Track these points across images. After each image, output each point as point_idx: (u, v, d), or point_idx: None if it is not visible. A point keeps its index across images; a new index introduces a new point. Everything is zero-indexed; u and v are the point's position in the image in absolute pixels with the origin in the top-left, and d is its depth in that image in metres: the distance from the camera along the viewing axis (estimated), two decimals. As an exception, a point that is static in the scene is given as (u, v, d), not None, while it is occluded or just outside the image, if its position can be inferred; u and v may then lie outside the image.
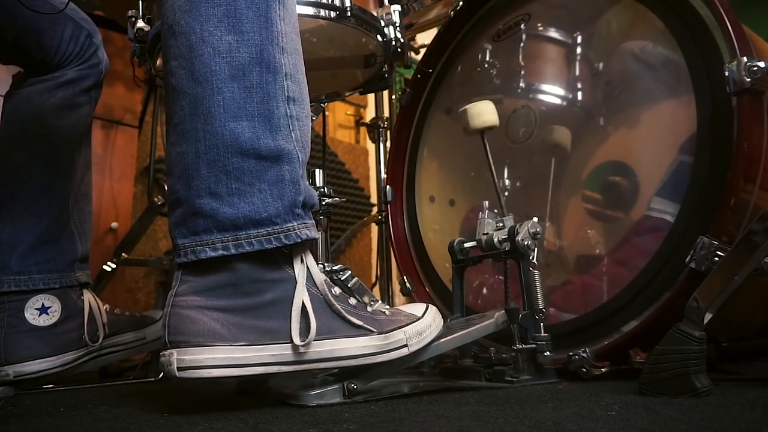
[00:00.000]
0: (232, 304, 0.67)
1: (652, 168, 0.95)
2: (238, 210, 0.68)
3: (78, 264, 1.07)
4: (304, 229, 0.71)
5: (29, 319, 0.99)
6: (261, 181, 0.68)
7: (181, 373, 0.64)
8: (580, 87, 1.09)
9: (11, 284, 1.00)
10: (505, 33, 1.24)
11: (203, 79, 0.68)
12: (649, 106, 0.98)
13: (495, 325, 0.86)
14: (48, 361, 0.98)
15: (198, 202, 0.68)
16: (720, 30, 0.87)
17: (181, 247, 0.68)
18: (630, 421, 0.55)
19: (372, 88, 1.38)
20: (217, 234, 0.67)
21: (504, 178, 1.19)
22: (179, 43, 0.70)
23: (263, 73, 0.69)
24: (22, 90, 1.08)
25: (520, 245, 0.89)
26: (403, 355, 0.73)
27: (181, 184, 0.69)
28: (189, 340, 0.65)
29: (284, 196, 0.69)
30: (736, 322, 1.03)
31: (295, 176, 0.71)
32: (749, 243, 0.68)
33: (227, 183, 0.68)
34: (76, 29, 1.07)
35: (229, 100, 0.68)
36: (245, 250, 0.67)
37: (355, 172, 2.92)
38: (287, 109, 0.71)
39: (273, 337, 0.67)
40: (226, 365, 0.65)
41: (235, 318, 0.66)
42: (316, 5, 1.07)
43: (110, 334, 1.08)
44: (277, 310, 0.68)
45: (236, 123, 0.68)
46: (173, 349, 0.65)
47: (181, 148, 0.70)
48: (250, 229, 0.68)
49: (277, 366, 0.67)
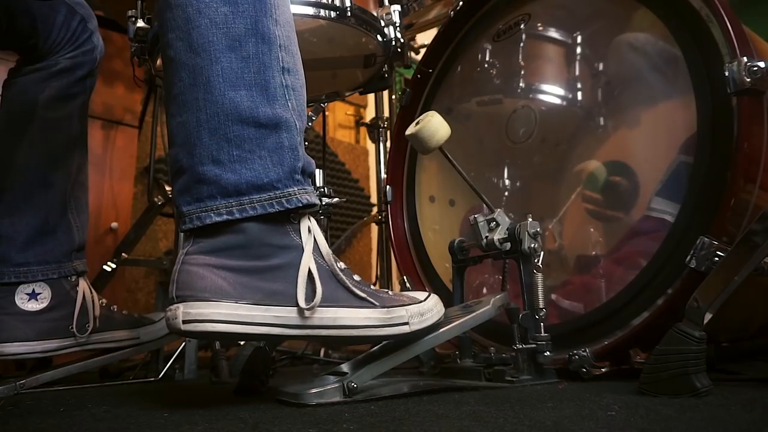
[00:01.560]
0: (240, 264, 0.69)
1: (652, 168, 0.95)
2: (241, 176, 0.69)
3: (75, 253, 1.08)
4: (305, 194, 0.73)
5: (18, 303, 1.00)
6: (261, 148, 0.70)
7: (186, 326, 0.66)
8: (580, 87, 1.09)
9: (11, 276, 1.01)
10: (505, 33, 1.24)
11: (201, 50, 0.70)
12: (648, 106, 0.98)
13: (492, 310, 0.86)
14: (28, 345, 0.99)
15: (201, 169, 0.70)
16: (720, 30, 0.86)
17: (186, 213, 0.70)
18: (630, 421, 0.55)
19: (372, 88, 1.39)
20: (221, 200, 0.69)
21: (504, 178, 1.19)
22: (176, 15, 0.71)
23: (258, 44, 0.71)
24: (17, 80, 1.08)
25: (524, 250, 0.89)
26: (404, 332, 0.74)
27: (183, 153, 0.71)
28: (195, 295, 0.67)
29: (284, 162, 0.71)
30: (736, 322, 1.03)
31: (294, 143, 0.73)
32: (749, 243, 0.68)
33: (229, 150, 0.70)
34: (69, 14, 1.07)
35: (227, 69, 0.70)
36: (248, 214, 0.69)
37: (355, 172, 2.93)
38: (283, 79, 0.73)
39: (278, 299, 0.69)
40: (230, 321, 0.66)
41: (242, 278, 0.68)
42: (316, 5, 1.08)
43: (101, 329, 1.08)
44: (283, 274, 0.70)
45: (235, 92, 0.70)
46: (179, 303, 0.67)
47: (182, 118, 0.71)
48: (253, 194, 0.70)
49: (280, 328, 0.68)
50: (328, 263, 0.73)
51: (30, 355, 1.00)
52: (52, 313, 1.03)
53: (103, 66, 1.15)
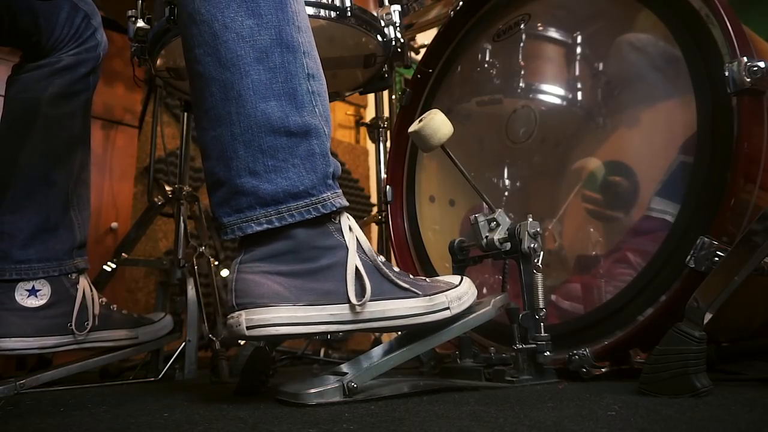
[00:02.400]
0: (293, 268, 0.72)
1: (652, 168, 0.95)
2: (277, 185, 0.72)
3: (76, 251, 1.08)
4: (337, 198, 0.76)
5: (17, 299, 1.01)
6: (294, 156, 0.73)
7: (250, 331, 0.69)
8: (580, 87, 1.09)
9: (12, 273, 1.01)
10: (505, 33, 1.24)
11: (231, 64, 0.72)
12: (648, 106, 0.98)
13: (493, 311, 0.86)
14: (26, 341, 0.99)
15: (239, 181, 0.72)
16: (720, 30, 0.86)
17: (227, 224, 0.73)
18: (630, 421, 0.55)
19: (372, 88, 1.38)
20: (260, 209, 0.72)
21: (504, 178, 1.19)
22: (202, 31, 0.73)
23: (284, 53, 0.73)
24: (20, 77, 1.08)
25: (524, 250, 0.89)
26: (445, 317, 0.78)
27: (220, 166, 0.73)
28: (255, 301, 0.70)
29: (317, 169, 0.74)
30: (736, 322, 1.03)
31: (324, 149, 0.75)
32: (749, 243, 0.68)
33: (264, 161, 0.72)
34: (72, 11, 1.07)
35: (257, 81, 0.72)
36: (287, 222, 0.72)
37: (355, 172, 2.93)
38: (308, 85, 0.75)
39: (331, 298, 0.72)
40: (291, 323, 0.70)
41: (295, 281, 0.71)
42: (317, 5, 1.08)
43: (100, 327, 1.08)
44: (333, 274, 0.73)
45: (266, 103, 0.72)
46: (241, 310, 0.70)
47: (215, 132, 0.73)
48: (290, 202, 0.72)
49: (336, 325, 0.72)
50: (371, 258, 0.76)
51: (27, 352, 1.00)
52: (51, 310, 1.03)
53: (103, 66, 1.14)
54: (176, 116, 2.18)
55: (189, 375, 1.21)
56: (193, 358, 1.23)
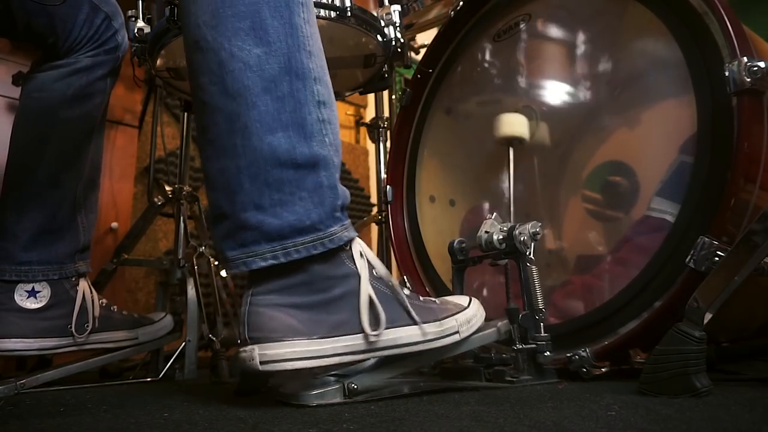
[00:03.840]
0: (306, 300, 0.70)
1: (652, 168, 0.95)
2: (283, 220, 0.70)
3: (78, 254, 1.07)
4: (344, 232, 0.73)
5: (17, 300, 1.00)
6: (301, 189, 0.71)
7: (264, 366, 0.68)
8: (581, 87, 1.09)
9: (12, 274, 1.00)
10: (506, 33, 1.24)
11: (237, 95, 0.69)
12: (649, 106, 0.98)
13: (497, 334, 0.87)
14: (25, 343, 0.99)
15: (244, 215, 0.70)
16: (720, 30, 0.86)
17: (232, 259, 0.71)
18: (630, 421, 0.55)
19: (372, 88, 1.38)
20: (265, 245, 0.70)
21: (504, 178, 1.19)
22: (208, 59, 0.71)
23: (293, 82, 0.71)
24: (37, 75, 1.06)
25: (516, 240, 0.89)
26: (455, 340, 0.78)
27: (224, 199, 0.71)
28: (269, 336, 0.68)
29: (324, 202, 0.72)
30: (736, 322, 1.03)
31: (333, 181, 0.73)
32: (749, 243, 0.68)
33: (270, 195, 0.70)
34: (92, 12, 1.05)
35: (264, 113, 0.69)
36: (293, 258, 0.70)
37: (355, 172, 2.93)
38: (319, 113, 0.73)
39: (345, 329, 0.70)
40: (305, 357, 0.68)
41: (309, 314, 0.70)
42: (317, 5, 1.07)
43: (100, 329, 1.08)
44: (346, 304, 0.71)
45: (272, 135, 0.70)
46: (254, 345, 0.69)
47: (220, 164, 0.71)
48: (296, 237, 0.70)
49: (350, 355, 0.71)
50: (385, 283, 0.74)
51: (27, 353, 0.99)
52: (51, 311, 1.02)
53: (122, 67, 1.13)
54: (176, 116, 2.18)
55: (189, 375, 1.21)
56: (193, 358, 1.23)
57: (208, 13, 0.70)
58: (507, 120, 1.00)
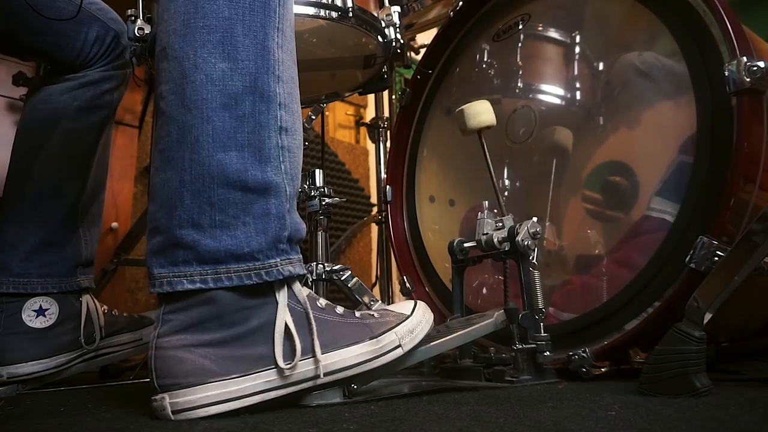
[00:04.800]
0: (218, 336, 0.65)
1: (652, 168, 0.95)
2: (220, 243, 0.66)
3: (81, 269, 1.06)
4: (288, 266, 0.69)
5: (26, 321, 0.98)
6: (246, 214, 0.67)
7: (176, 416, 0.62)
8: (580, 87, 1.09)
9: (10, 286, 0.99)
10: (505, 33, 1.24)
11: (193, 107, 0.66)
12: (649, 106, 0.98)
13: (494, 324, 0.86)
14: (42, 363, 0.98)
15: (179, 232, 0.66)
16: (720, 30, 0.87)
17: (157, 276, 0.66)
18: (630, 421, 0.55)
19: (371, 89, 1.38)
20: (196, 266, 0.66)
21: (504, 178, 1.19)
22: (171, 68, 0.68)
23: (256, 102, 0.68)
24: (44, 88, 1.06)
25: (520, 245, 0.89)
26: (398, 355, 0.72)
27: (162, 213, 0.67)
28: (179, 382, 0.63)
29: (268, 231, 0.68)
30: (736, 322, 1.03)
31: (281, 210, 0.69)
32: (749, 243, 0.68)
33: (211, 214, 0.66)
34: (102, 30, 1.06)
35: (219, 129, 0.66)
36: (224, 285, 0.65)
37: (355, 172, 2.93)
38: (279, 139, 0.69)
39: (265, 363, 0.65)
40: (221, 401, 0.63)
41: (223, 350, 0.65)
42: (317, 5, 1.07)
43: (107, 335, 1.08)
44: (264, 336, 0.66)
45: (225, 153, 0.66)
46: (164, 393, 0.63)
47: (165, 175, 0.68)
48: (231, 264, 0.66)
49: (274, 391, 0.65)
50: (305, 307, 0.69)
51: (44, 373, 0.98)
52: (60, 327, 1.01)
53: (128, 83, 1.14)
54: (176, 116, 2.18)
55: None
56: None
57: (180, 22, 0.68)
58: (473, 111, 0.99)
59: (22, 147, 1.05)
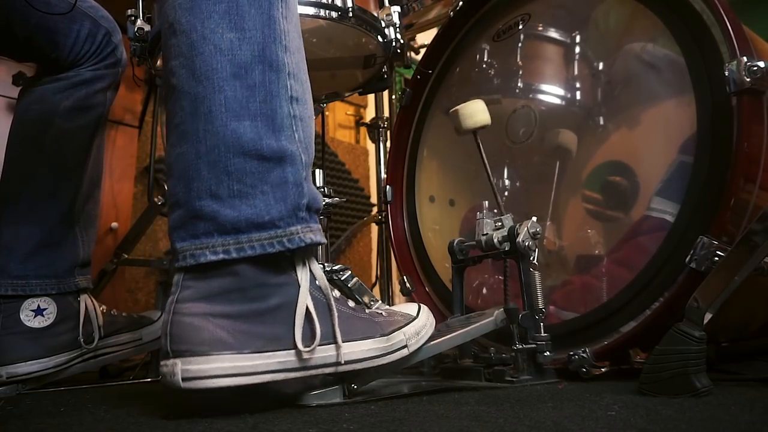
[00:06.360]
0: (238, 309, 0.65)
1: (652, 168, 0.95)
2: (240, 212, 0.66)
3: (78, 269, 1.06)
4: (309, 233, 0.69)
5: (24, 321, 0.98)
6: (263, 183, 0.67)
7: (186, 383, 0.62)
8: (580, 87, 1.09)
9: (8, 288, 0.99)
10: (505, 33, 1.24)
11: (204, 78, 0.67)
12: (649, 106, 0.98)
13: (494, 323, 0.86)
14: (40, 363, 0.98)
15: (198, 204, 0.66)
16: (720, 30, 0.87)
17: (180, 250, 0.66)
18: (630, 421, 0.55)
19: (371, 89, 1.38)
20: (217, 237, 0.66)
21: (504, 178, 1.19)
22: (180, 42, 0.68)
23: (266, 72, 0.68)
24: (36, 88, 1.06)
25: (520, 246, 0.89)
26: (403, 355, 0.73)
27: (180, 186, 0.68)
28: (193, 349, 0.63)
29: (287, 199, 0.68)
30: (736, 322, 1.03)
31: (299, 178, 0.69)
32: (749, 243, 0.68)
33: (228, 184, 0.66)
34: (94, 28, 1.06)
35: (231, 98, 0.67)
36: (247, 254, 0.65)
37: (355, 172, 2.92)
38: (290, 108, 0.70)
39: (280, 343, 0.65)
40: (233, 374, 0.63)
41: (241, 325, 0.65)
42: (317, 5, 1.07)
43: (106, 335, 1.08)
44: (282, 315, 0.66)
45: (238, 122, 0.66)
46: (176, 358, 0.63)
47: (181, 149, 0.68)
48: (252, 233, 0.66)
49: (284, 372, 0.65)
50: (326, 295, 0.69)
51: (43, 372, 0.98)
52: (59, 327, 1.01)
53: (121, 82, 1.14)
54: (176, 116, 2.18)
55: (189, 375, 1.21)
56: (193, 358, 1.23)
57: None
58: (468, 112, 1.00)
59: (16, 148, 1.05)
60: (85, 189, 1.08)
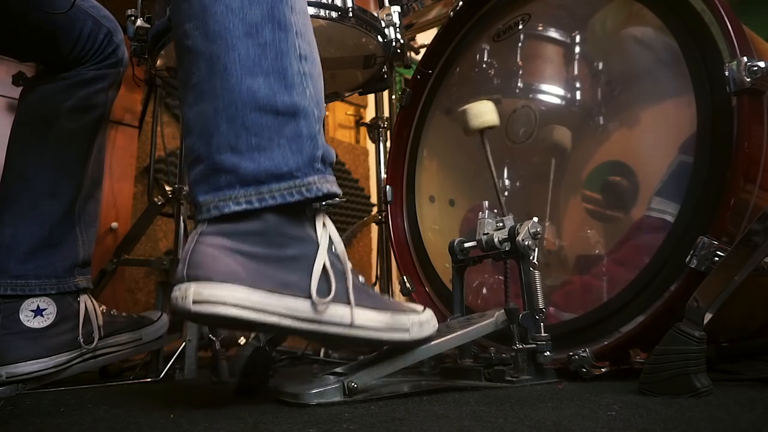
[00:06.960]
0: (256, 251, 0.68)
1: (652, 168, 0.95)
2: (259, 164, 0.69)
3: (78, 269, 1.06)
4: (325, 183, 0.72)
5: (24, 321, 0.98)
6: (279, 136, 0.70)
7: (196, 306, 0.63)
8: (580, 87, 1.09)
9: (7, 288, 0.99)
10: (505, 33, 1.24)
11: (218, 37, 0.70)
12: (649, 106, 0.98)
13: (495, 324, 0.86)
14: (40, 363, 0.97)
15: (219, 158, 0.69)
16: (720, 30, 0.86)
17: (204, 203, 0.69)
18: (630, 421, 0.55)
19: (371, 89, 1.38)
20: (239, 189, 0.69)
21: (504, 178, 1.19)
22: (192, 5, 0.72)
23: (275, 31, 0.71)
24: (37, 87, 1.07)
25: (520, 245, 0.89)
26: (404, 338, 0.74)
27: (201, 142, 0.70)
28: (209, 275, 0.64)
29: (303, 151, 0.71)
30: (736, 322, 1.03)
31: (312, 131, 0.72)
32: (749, 243, 0.68)
33: (247, 138, 0.69)
34: (95, 27, 1.06)
35: (245, 56, 0.70)
36: (268, 203, 0.68)
37: (355, 172, 2.93)
38: (300, 66, 0.73)
39: (292, 290, 0.67)
40: (243, 306, 0.64)
41: (257, 264, 0.67)
42: (317, 5, 1.07)
43: (106, 335, 1.08)
44: (298, 266, 0.69)
45: (252, 79, 0.69)
46: (190, 282, 0.64)
47: (199, 108, 0.71)
48: (272, 183, 0.69)
49: (291, 320, 0.67)
50: (341, 261, 0.72)
51: (43, 372, 0.97)
52: (59, 327, 1.01)
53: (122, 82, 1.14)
54: (176, 116, 2.18)
55: (189, 375, 1.21)
56: (193, 358, 1.23)
57: None
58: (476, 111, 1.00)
59: (17, 147, 1.05)
60: (85, 189, 1.08)
